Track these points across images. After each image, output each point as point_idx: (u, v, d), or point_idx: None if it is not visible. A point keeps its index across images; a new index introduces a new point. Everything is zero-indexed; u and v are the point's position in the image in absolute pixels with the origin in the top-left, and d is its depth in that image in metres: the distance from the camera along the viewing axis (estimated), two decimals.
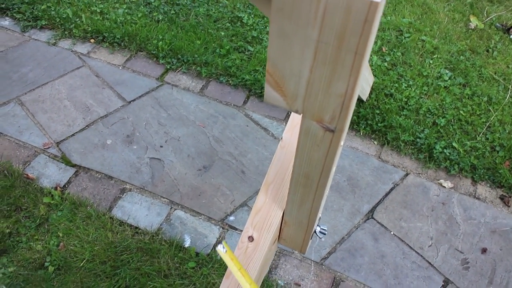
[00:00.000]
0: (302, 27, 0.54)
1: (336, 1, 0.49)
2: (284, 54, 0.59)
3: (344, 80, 0.57)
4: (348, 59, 0.54)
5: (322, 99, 0.61)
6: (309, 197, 0.80)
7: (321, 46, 0.55)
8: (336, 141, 0.66)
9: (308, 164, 0.73)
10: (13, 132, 2.01)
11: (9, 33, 2.51)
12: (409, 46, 2.48)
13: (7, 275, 1.58)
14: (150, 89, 2.26)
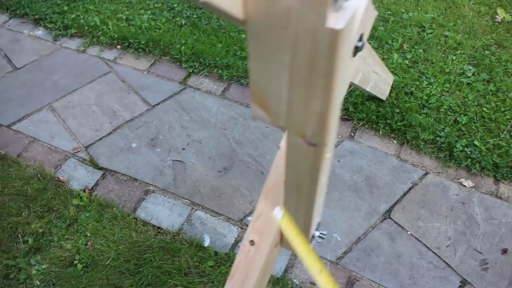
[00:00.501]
0: (276, 51, 0.58)
1: (303, 29, 0.53)
2: (264, 76, 0.63)
3: (318, 100, 0.61)
4: (320, 81, 0.58)
5: (302, 117, 0.65)
6: (302, 205, 0.84)
7: (295, 69, 0.59)
8: (320, 154, 0.70)
9: (297, 175, 0.77)
10: (46, 138, 2.14)
11: (42, 42, 2.65)
12: (431, 42, 2.45)
13: (40, 272, 1.69)
14: (173, 93, 2.34)
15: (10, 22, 2.82)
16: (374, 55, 1.49)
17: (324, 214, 1.83)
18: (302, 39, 0.54)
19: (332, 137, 0.71)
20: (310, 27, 0.52)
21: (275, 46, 0.57)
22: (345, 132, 2.13)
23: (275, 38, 0.56)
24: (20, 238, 1.77)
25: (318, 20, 0.51)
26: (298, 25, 0.53)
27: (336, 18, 0.51)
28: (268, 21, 0.54)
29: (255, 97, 0.67)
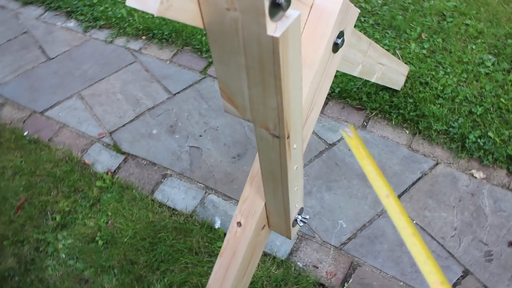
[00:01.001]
0: (233, 55, 0.65)
1: (250, 36, 0.60)
2: (227, 76, 0.71)
3: (273, 97, 0.68)
4: (271, 81, 0.65)
5: (263, 111, 0.72)
6: (278, 190, 0.91)
7: (250, 70, 0.66)
8: (284, 144, 0.77)
9: (269, 163, 0.85)
10: (74, 123, 2.29)
11: (73, 34, 2.81)
12: (451, 31, 2.42)
13: (66, 246, 1.85)
14: (193, 82, 2.44)
15: (45, 14, 3.00)
16: (377, 47, 1.53)
17: (331, 201, 1.90)
18: (250, 44, 0.61)
19: (296, 130, 0.78)
20: (255, 35, 0.59)
21: (231, 50, 0.65)
22: (358, 122, 2.17)
23: (229, 43, 0.63)
24: (49, 215, 1.94)
25: (259, 29, 0.58)
26: (245, 33, 0.60)
27: (276, 27, 0.58)
28: (221, 29, 0.62)
29: (224, 94, 0.75)
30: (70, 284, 1.75)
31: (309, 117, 0.99)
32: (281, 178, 0.87)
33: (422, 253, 0.66)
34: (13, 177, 2.11)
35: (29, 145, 2.23)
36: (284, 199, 0.94)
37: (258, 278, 1.69)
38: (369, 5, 2.65)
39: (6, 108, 2.46)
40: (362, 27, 2.51)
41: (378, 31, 2.47)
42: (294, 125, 0.76)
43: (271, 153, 0.81)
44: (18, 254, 1.85)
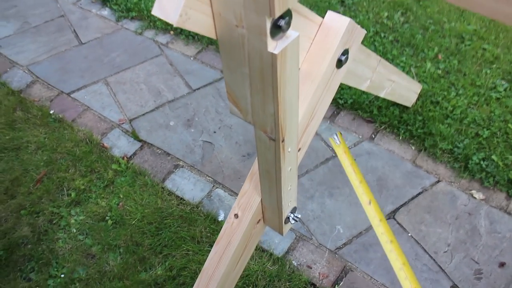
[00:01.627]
0: (239, 65, 0.75)
1: (253, 50, 0.70)
2: (234, 82, 0.80)
3: (271, 105, 0.77)
4: (270, 91, 0.75)
5: (262, 116, 0.82)
6: (273, 188, 1.00)
7: (252, 80, 0.76)
8: (279, 147, 0.86)
9: (266, 162, 0.94)
10: (98, 107, 2.42)
11: (106, 22, 2.94)
12: (468, 54, 2.48)
13: (77, 222, 1.97)
14: (214, 80, 2.55)
15: (82, 1, 3.15)
16: (387, 64, 1.60)
17: (332, 207, 1.98)
18: (253, 57, 0.71)
19: (291, 135, 0.87)
20: (257, 50, 0.69)
21: (238, 61, 0.74)
22: (366, 133, 2.24)
23: (236, 55, 0.73)
24: (65, 191, 2.07)
25: (262, 45, 0.67)
26: (250, 47, 0.69)
27: (276, 45, 0.68)
28: (230, 42, 0.72)
29: (230, 98, 0.85)
30: (78, 257, 1.87)
31: (310, 125, 1.08)
32: (276, 178, 0.96)
33: (399, 259, 0.73)
34: (36, 152, 2.24)
35: (53, 123, 2.37)
36: (278, 197, 1.03)
37: (254, 272, 1.79)
38: (391, 22, 2.72)
39: (36, 86, 2.60)
40: (382, 43, 2.57)
41: (396, 48, 2.54)
42: (289, 131, 0.85)
43: (268, 154, 0.91)
44: (33, 224, 1.98)
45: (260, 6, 0.62)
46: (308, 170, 2.11)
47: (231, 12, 0.67)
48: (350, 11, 2.83)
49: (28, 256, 1.87)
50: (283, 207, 1.06)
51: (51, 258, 1.86)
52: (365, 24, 2.70)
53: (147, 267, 1.82)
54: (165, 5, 0.67)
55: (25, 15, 3.09)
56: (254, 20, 0.65)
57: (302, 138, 1.07)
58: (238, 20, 0.67)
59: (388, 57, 2.49)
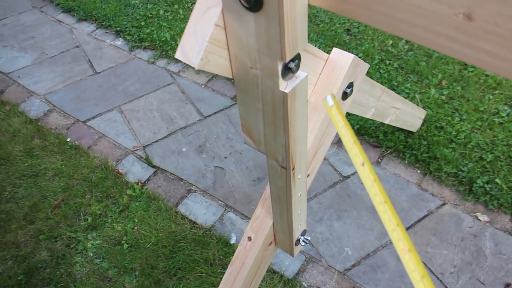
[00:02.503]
0: (253, 101, 0.83)
1: (266, 89, 0.78)
2: (248, 116, 0.88)
3: (282, 136, 0.85)
4: (281, 124, 0.83)
5: (274, 146, 0.90)
6: (284, 212, 1.07)
7: (265, 114, 0.84)
8: (290, 174, 0.94)
9: (277, 188, 1.02)
10: (112, 135, 2.52)
11: (120, 51, 3.07)
12: (471, 80, 2.55)
13: (94, 246, 2.04)
14: (224, 107, 2.64)
15: (97, 31, 3.29)
16: (391, 93, 1.68)
17: (340, 229, 2.03)
18: (266, 95, 0.79)
19: (300, 163, 0.95)
20: (270, 88, 0.77)
21: (252, 97, 0.83)
22: (373, 158, 2.31)
23: (251, 92, 0.81)
24: (82, 216, 2.14)
25: (274, 85, 0.76)
26: (263, 86, 0.78)
27: (287, 84, 0.76)
28: (245, 80, 0.80)
29: (244, 129, 0.93)
30: (95, 280, 1.94)
31: (317, 153, 1.15)
32: (287, 202, 1.03)
33: (392, 220, 0.74)
34: (53, 178, 2.33)
35: (70, 150, 2.46)
36: (289, 221, 1.10)
37: None
38: (396, 50, 2.81)
39: (53, 114, 2.71)
40: (387, 70, 2.66)
41: (401, 75, 2.63)
42: (299, 160, 0.93)
43: (279, 180, 0.98)
44: (51, 249, 2.05)
45: (272, 52, 0.70)
46: (317, 194, 2.18)
47: (246, 56, 0.76)
48: (356, 39, 2.94)
49: (47, 280, 1.94)
50: (293, 230, 1.13)
51: (69, 281, 1.93)
52: (370, 52, 2.79)
53: None
54: (187, 51, 0.76)
55: (42, 46, 3.23)
56: (267, 63, 0.73)
57: (311, 165, 1.14)
58: (253, 62, 0.75)
59: (393, 84, 2.57)
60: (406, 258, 0.67)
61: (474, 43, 0.56)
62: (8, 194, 2.27)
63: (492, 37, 0.53)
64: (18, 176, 2.33)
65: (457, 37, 0.56)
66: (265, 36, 0.69)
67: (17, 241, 2.08)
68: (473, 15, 0.55)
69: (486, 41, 0.55)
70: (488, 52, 0.56)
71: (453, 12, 0.56)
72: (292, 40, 0.69)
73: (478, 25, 0.55)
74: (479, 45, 0.56)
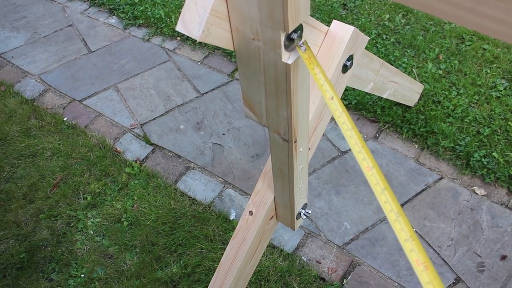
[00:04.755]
0: (255, 73, 0.83)
1: (269, 61, 0.78)
2: (249, 89, 0.88)
3: (284, 109, 0.85)
4: (283, 96, 0.82)
5: (276, 119, 0.89)
6: (286, 186, 1.08)
7: (267, 86, 0.83)
8: (292, 147, 0.94)
9: (279, 161, 1.02)
10: (109, 113, 2.51)
11: (114, 30, 3.03)
12: (468, 54, 2.55)
13: (94, 224, 2.05)
14: (221, 83, 2.63)
15: (90, 10, 3.24)
16: (389, 67, 1.68)
17: (339, 204, 2.05)
18: (268, 67, 0.79)
19: (302, 136, 0.95)
20: (272, 60, 0.77)
21: (254, 70, 0.82)
22: (371, 133, 2.32)
23: (252, 65, 0.81)
24: (81, 194, 2.15)
25: (276, 57, 0.75)
26: (265, 58, 0.77)
27: (289, 56, 0.75)
28: (247, 53, 0.79)
29: (246, 102, 0.92)
30: (96, 258, 1.95)
31: (318, 126, 1.15)
32: (288, 176, 1.04)
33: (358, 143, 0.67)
34: (51, 158, 2.32)
35: (67, 130, 2.45)
36: (290, 194, 1.10)
37: (265, 267, 1.86)
38: (392, 24, 2.79)
39: (49, 94, 2.69)
40: (384, 45, 2.65)
41: (398, 49, 2.61)
42: (301, 132, 0.93)
43: (281, 154, 0.98)
44: (51, 227, 2.06)
45: (275, 23, 0.69)
46: (315, 169, 2.19)
47: (248, 27, 0.75)
48: (353, 14, 2.91)
49: (48, 258, 1.96)
50: (295, 203, 1.13)
51: (71, 259, 1.94)
52: (367, 26, 2.77)
53: (163, 266, 1.90)
54: (188, 23, 0.75)
55: (35, 26, 3.18)
56: (269, 34, 0.72)
57: (312, 139, 1.15)
58: (255, 34, 0.75)
59: (390, 58, 2.56)
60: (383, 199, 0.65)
61: (481, 10, 0.55)
62: (7, 174, 2.27)
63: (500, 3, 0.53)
64: (16, 156, 2.33)
65: (463, 4, 0.56)
66: (267, 6, 0.68)
67: (18, 220, 2.09)
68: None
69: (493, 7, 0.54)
70: (495, 19, 0.55)
71: None
72: (295, 10, 0.68)
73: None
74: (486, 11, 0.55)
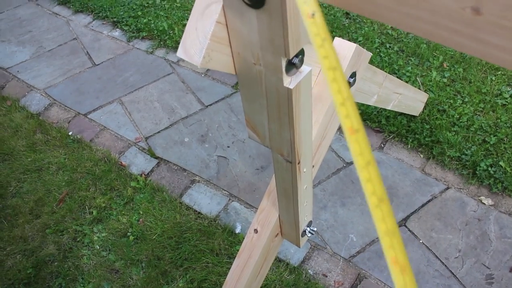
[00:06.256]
0: (257, 97, 0.83)
1: (270, 85, 0.77)
2: (252, 111, 0.88)
3: (287, 132, 0.85)
4: (286, 119, 0.82)
5: (279, 141, 0.89)
6: (290, 205, 1.07)
7: (270, 109, 0.83)
8: (295, 168, 0.94)
9: (283, 181, 1.01)
10: (114, 127, 2.52)
11: (118, 43, 3.05)
12: (473, 62, 2.53)
13: (100, 239, 2.05)
14: (225, 95, 2.63)
15: (93, 23, 3.26)
16: (393, 79, 1.67)
17: (345, 216, 2.04)
18: (271, 91, 0.78)
19: (306, 157, 0.94)
20: (274, 85, 0.76)
21: (256, 93, 0.82)
22: (376, 143, 2.31)
23: (254, 88, 0.81)
24: (87, 209, 2.15)
25: (278, 81, 0.75)
26: (266, 82, 0.77)
27: (291, 80, 0.75)
28: (249, 77, 0.79)
29: (249, 124, 0.92)
30: (102, 273, 1.95)
31: (322, 144, 1.15)
32: (293, 195, 1.03)
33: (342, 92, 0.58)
34: (57, 172, 2.33)
35: (72, 144, 2.46)
36: (295, 213, 1.10)
37: (271, 281, 1.85)
38: (396, 32, 2.79)
39: (54, 108, 2.70)
40: (387, 53, 2.64)
41: (401, 58, 2.61)
42: (304, 153, 0.92)
43: (285, 174, 0.98)
44: (58, 242, 2.07)
45: (276, 48, 0.69)
46: (321, 181, 2.18)
47: (249, 52, 0.75)
48: (355, 23, 2.91)
49: (55, 273, 1.96)
50: (300, 221, 1.13)
51: (77, 274, 1.94)
52: (370, 35, 2.77)
53: (169, 280, 1.90)
54: (188, 49, 0.75)
55: (40, 40, 3.20)
56: (270, 59, 0.72)
57: (315, 156, 1.14)
58: (256, 59, 0.74)
59: (394, 67, 2.56)
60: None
61: (481, 37, 0.55)
62: (13, 189, 2.28)
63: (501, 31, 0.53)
64: (22, 171, 2.34)
65: (464, 32, 0.56)
66: (267, 33, 0.68)
67: (25, 235, 2.09)
68: (481, 9, 0.54)
69: (494, 35, 0.54)
70: (496, 46, 0.55)
71: (460, 6, 0.55)
72: (296, 36, 0.68)
73: (486, 19, 0.54)
74: (487, 39, 0.55)
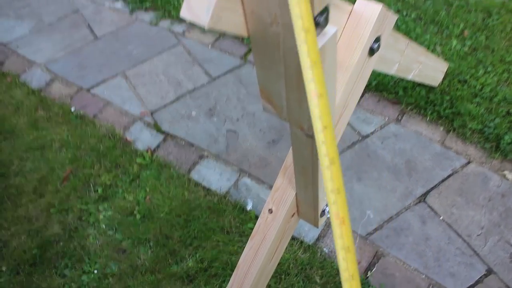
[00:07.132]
0: (273, 63, 0.72)
1: (289, 49, 0.67)
2: (268, 80, 0.77)
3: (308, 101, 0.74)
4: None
5: (298, 113, 0.79)
6: (309, 183, 0.98)
7: (288, 77, 0.72)
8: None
9: (301, 158, 0.92)
10: (118, 102, 2.42)
11: (120, 14, 2.92)
12: (496, 29, 2.38)
13: (106, 217, 1.99)
14: (234, 67, 2.51)
15: None
16: (415, 46, 1.55)
17: (361, 192, 1.95)
18: (289, 56, 0.68)
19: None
20: (294, 48, 0.66)
21: (272, 59, 0.71)
22: (392, 115, 2.19)
23: (271, 53, 0.70)
24: (92, 187, 2.08)
25: None
26: (285, 46, 0.66)
27: None
28: (264, 41, 0.68)
29: (263, 95, 0.82)
30: (109, 252, 1.89)
31: (343, 115, 1.04)
32: (312, 173, 0.94)
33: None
34: (60, 150, 2.25)
35: (75, 120, 2.37)
36: (314, 192, 1.00)
37: (285, 260, 1.78)
38: None
39: (55, 84, 2.60)
40: (404, 21, 2.50)
41: (419, 26, 2.46)
42: None
43: (304, 150, 0.88)
44: (63, 222, 2.00)
45: None
46: None
47: (265, 10, 0.64)
48: None
49: (61, 253, 1.90)
50: (319, 201, 1.04)
51: (83, 254, 1.89)
52: (386, 2, 2.61)
53: (178, 260, 1.83)
54: (194, 8, 0.64)
55: (39, 13, 3.08)
56: (290, 19, 0.61)
57: (336, 128, 1.04)
58: (273, 18, 0.64)
59: (412, 36, 2.41)
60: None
61: None
62: (16, 167, 2.21)
63: None
64: (24, 149, 2.26)
65: None
66: None
67: (29, 215, 2.03)
68: None
69: None
70: None
71: None
72: None
73: None
74: None
